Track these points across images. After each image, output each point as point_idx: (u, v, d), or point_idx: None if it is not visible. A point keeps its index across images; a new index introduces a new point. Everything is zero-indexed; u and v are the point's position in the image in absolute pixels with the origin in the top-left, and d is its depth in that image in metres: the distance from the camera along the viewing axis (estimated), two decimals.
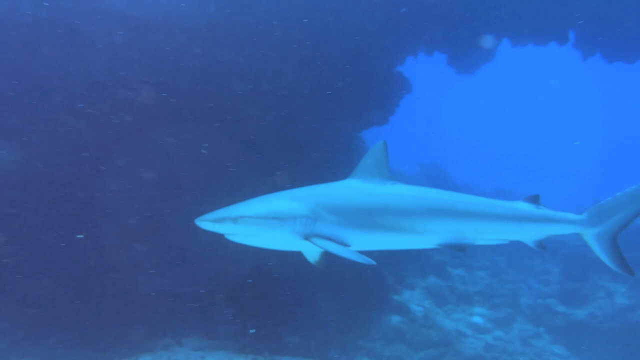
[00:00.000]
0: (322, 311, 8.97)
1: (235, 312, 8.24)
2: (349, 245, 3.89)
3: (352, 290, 9.49)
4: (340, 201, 4.04)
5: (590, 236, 4.36)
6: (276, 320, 8.31)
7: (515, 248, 10.01)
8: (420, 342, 9.71)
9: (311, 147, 9.24)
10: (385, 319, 10.15)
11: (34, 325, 7.45)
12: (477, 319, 11.29)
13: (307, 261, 4.44)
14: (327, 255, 4.20)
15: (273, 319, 8.34)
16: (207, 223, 3.80)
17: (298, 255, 4.41)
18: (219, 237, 3.86)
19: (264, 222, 3.81)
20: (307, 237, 3.84)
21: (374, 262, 3.58)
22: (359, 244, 3.99)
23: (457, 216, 4.16)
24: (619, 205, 4.29)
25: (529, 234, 4.35)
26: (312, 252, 4.24)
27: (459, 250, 4.10)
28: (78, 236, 7.50)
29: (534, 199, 4.41)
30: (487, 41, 11.26)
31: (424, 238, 4.12)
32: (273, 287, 8.39)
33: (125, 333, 7.52)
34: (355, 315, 9.47)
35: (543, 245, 4.36)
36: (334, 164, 9.36)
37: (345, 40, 9.38)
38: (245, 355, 7.31)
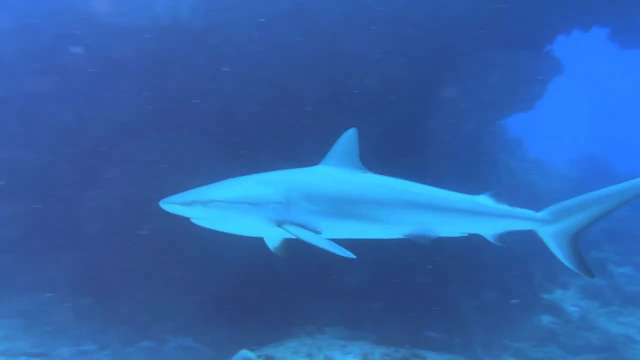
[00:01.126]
0: (461, 308, 8.66)
1: (379, 305, 8.36)
2: (320, 233, 3.84)
3: (494, 287, 9.00)
4: (314, 188, 4.00)
5: (546, 233, 4.49)
6: (415, 315, 8.23)
7: None
8: (578, 346, 8.85)
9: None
10: (535, 319, 9.43)
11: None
12: None
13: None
14: (287, 243, 4.17)
15: (412, 313, 8.28)
16: (173, 206, 3.64)
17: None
18: None
19: (236, 207, 3.68)
20: (280, 224, 3.74)
21: (352, 255, 3.47)
22: (330, 232, 3.94)
23: (425, 208, 4.23)
24: (581, 206, 4.39)
25: (488, 228, 4.47)
26: (273, 238, 4.17)
27: (425, 242, 4.13)
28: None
29: (496, 194, 4.48)
30: None
31: (392, 228, 4.17)
32: (411, 283, 8.32)
33: (271, 320, 8.07)
34: (498, 313, 8.97)
35: (503, 239, 4.46)
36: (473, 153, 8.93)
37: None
38: (387, 347, 7.36)
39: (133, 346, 7.63)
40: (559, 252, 4.47)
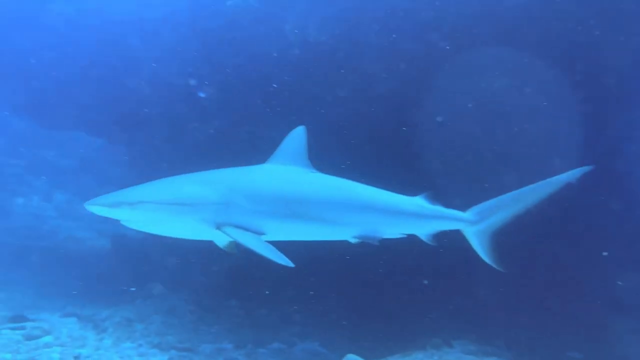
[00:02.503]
0: (610, 328, 7.71)
1: (509, 320, 7.83)
2: (264, 234, 3.65)
3: None
4: (258, 187, 3.83)
5: (470, 233, 4.60)
6: (554, 333, 7.54)
7: None
8: None
9: None
10: None
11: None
12: None
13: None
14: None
15: (552, 330, 7.60)
16: (99, 207, 3.38)
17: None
18: None
19: (169, 208, 3.42)
20: (218, 226, 3.50)
21: (291, 264, 3.34)
22: (275, 234, 3.78)
23: (372, 209, 4.15)
24: (500, 205, 4.53)
25: (425, 229, 4.47)
26: (222, 238, 3.88)
27: (371, 243, 4.04)
28: None
29: (430, 195, 4.46)
30: None
31: (341, 229, 4.07)
32: (553, 298, 7.66)
33: (397, 329, 7.98)
34: None
35: (435, 239, 4.48)
36: None
37: None
38: None
39: (265, 347, 8.07)
40: (480, 250, 4.63)
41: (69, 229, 15.30)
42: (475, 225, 4.61)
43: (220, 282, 9.38)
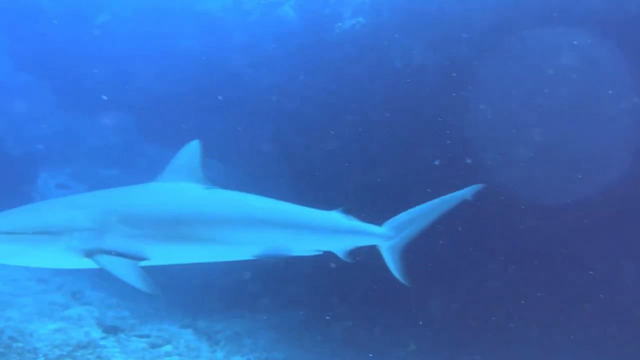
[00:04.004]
0: None
1: None
2: (147, 259, 3.34)
3: None
4: (139, 209, 3.48)
5: (384, 248, 4.52)
6: None
7: None
8: None
9: None
10: None
11: None
12: None
13: None
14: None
15: None
16: None
17: None
18: None
19: (25, 239, 3.00)
20: (89, 254, 3.15)
21: (159, 293, 3.11)
22: (162, 258, 3.51)
23: (274, 226, 3.88)
24: (411, 219, 4.52)
25: (340, 245, 4.30)
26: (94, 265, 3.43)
27: (276, 262, 3.45)
28: None
29: (346, 210, 4.31)
30: None
31: (239, 249, 3.78)
32: None
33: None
34: None
35: (352, 256, 4.32)
36: None
37: None
38: None
39: None
40: (392, 264, 4.55)
41: None
42: (389, 240, 4.54)
43: (327, 300, 9.48)
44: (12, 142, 15.78)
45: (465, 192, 4.60)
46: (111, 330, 8.51)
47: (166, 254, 3.57)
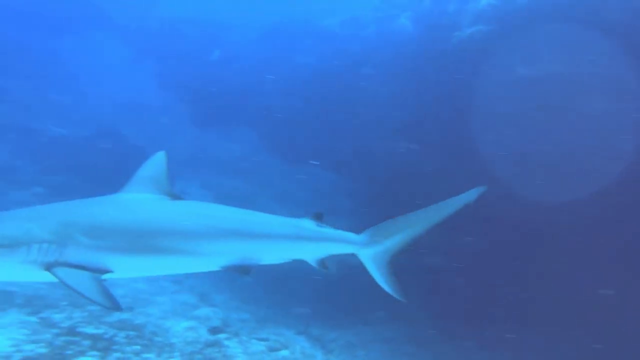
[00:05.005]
0: None
1: None
2: (110, 271, 3.24)
3: None
4: (101, 220, 3.36)
5: (365, 256, 4.34)
6: None
7: None
8: None
9: None
10: None
11: None
12: None
13: None
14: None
15: None
16: None
17: None
18: None
19: None
20: (49, 267, 3.05)
21: (120, 308, 3.04)
22: (126, 270, 3.42)
23: (240, 236, 3.79)
24: (396, 228, 4.29)
25: (311, 253, 4.15)
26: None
27: (243, 272, 3.69)
28: None
29: (318, 217, 4.17)
30: None
31: (204, 260, 3.69)
32: None
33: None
34: None
35: (325, 264, 4.20)
36: None
37: None
38: None
39: None
40: (377, 275, 4.34)
41: None
42: (369, 248, 4.32)
43: (443, 317, 9.21)
44: (153, 154, 17.60)
45: (467, 196, 4.27)
46: (217, 330, 8.93)
47: (129, 266, 3.49)
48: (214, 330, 8.81)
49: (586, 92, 7.28)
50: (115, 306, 3.12)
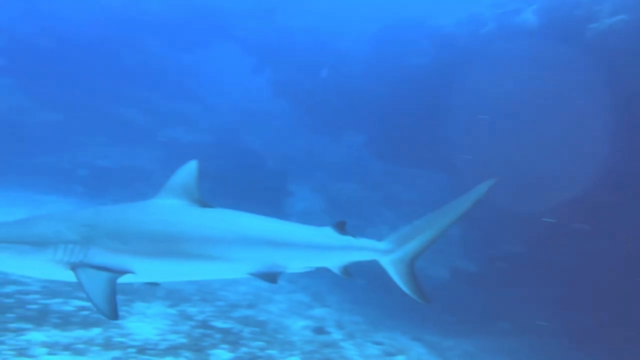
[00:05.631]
0: None
1: None
2: (133, 273, 3.33)
3: None
4: (128, 225, 3.47)
5: (387, 262, 4.35)
6: None
7: None
8: None
9: None
10: None
11: None
12: None
13: None
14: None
15: None
16: None
17: None
18: None
19: (13, 249, 3.13)
20: (74, 267, 3.21)
21: (117, 319, 3.22)
22: (149, 274, 3.51)
23: (267, 243, 3.84)
24: (415, 232, 4.30)
25: (335, 261, 4.24)
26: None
27: (269, 280, 3.76)
28: None
29: (340, 225, 4.21)
30: None
31: (231, 267, 3.75)
32: None
33: None
34: None
35: (348, 272, 4.26)
36: None
37: None
38: None
39: None
40: (398, 280, 4.36)
41: None
42: (391, 254, 4.33)
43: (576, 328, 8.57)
44: (269, 159, 18.53)
45: (478, 191, 4.28)
46: (319, 331, 9.06)
47: (151, 270, 3.55)
48: (326, 331, 9.02)
49: None
50: (113, 316, 3.20)
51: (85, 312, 6.73)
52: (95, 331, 6.18)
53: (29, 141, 16.55)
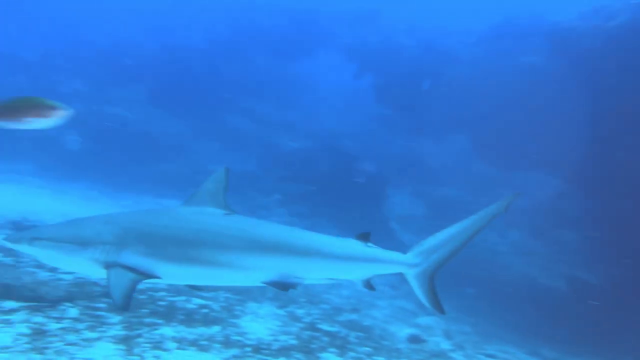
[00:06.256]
0: None
1: None
2: (160, 277, 3.60)
3: None
4: (155, 229, 3.69)
5: (411, 276, 4.30)
6: None
7: None
8: None
9: None
10: None
11: None
12: None
13: None
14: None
15: None
16: (9, 243, 3.63)
17: None
18: None
19: (60, 246, 3.55)
20: (107, 266, 3.51)
21: (127, 311, 4.06)
22: (172, 277, 3.75)
23: (284, 253, 3.86)
24: (437, 244, 4.28)
25: (357, 273, 4.18)
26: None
27: (284, 289, 3.79)
28: None
29: (364, 237, 4.19)
30: None
31: (245, 274, 3.83)
32: None
33: None
34: None
35: (371, 285, 4.22)
36: None
37: None
38: None
39: None
40: (419, 292, 4.33)
41: (522, 265, 15.74)
42: (416, 268, 4.29)
43: None
44: (368, 163, 18.55)
45: (499, 206, 4.30)
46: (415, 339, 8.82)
47: (176, 274, 3.74)
48: (434, 341, 8.81)
49: None
50: (125, 309, 3.56)
51: (205, 310, 7.23)
52: (215, 329, 6.61)
53: (156, 150, 18.17)
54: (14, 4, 30.81)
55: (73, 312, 6.08)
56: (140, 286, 7.46)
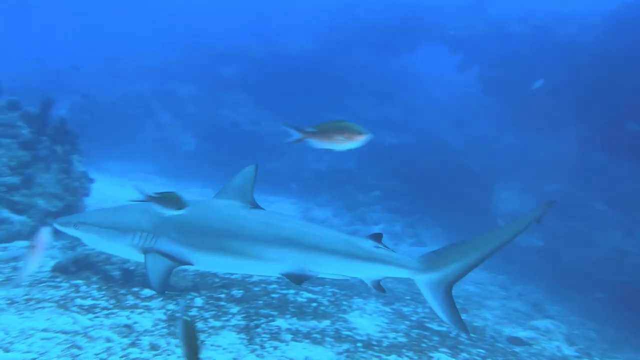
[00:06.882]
0: None
1: None
2: (192, 264, 3.95)
3: None
4: (187, 219, 3.92)
5: (422, 283, 4.21)
6: None
7: None
8: None
9: None
10: None
11: None
12: None
13: None
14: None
15: None
16: (57, 225, 3.98)
17: None
18: None
19: (103, 232, 3.90)
20: (145, 252, 3.84)
21: (163, 295, 4.67)
22: (201, 264, 4.10)
23: (299, 247, 4.03)
24: (457, 254, 4.13)
25: (365, 273, 4.20)
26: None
27: (298, 282, 3.94)
28: None
29: (377, 237, 4.21)
30: None
31: (266, 265, 4.03)
32: None
33: None
34: None
35: (380, 286, 4.18)
36: None
37: None
38: None
39: None
40: (435, 303, 4.18)
41: None
42: (426, 274, 4.16)
43: None
44: (474, 158, 17.84)
45: (531, 215, 4.09)
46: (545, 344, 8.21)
47: (204, 262, 4.09)
48: (555, 346, 8.24)
49: None
50: (162, 292, 4.00)
51: (315, 304, 7.42)
52: (325, 323, 6.76)
53: (262, 149, 19.02)
54: (137, 17, 34.40)
55: (199, 301, 6.58)
56: (254, 278, 8.03)
